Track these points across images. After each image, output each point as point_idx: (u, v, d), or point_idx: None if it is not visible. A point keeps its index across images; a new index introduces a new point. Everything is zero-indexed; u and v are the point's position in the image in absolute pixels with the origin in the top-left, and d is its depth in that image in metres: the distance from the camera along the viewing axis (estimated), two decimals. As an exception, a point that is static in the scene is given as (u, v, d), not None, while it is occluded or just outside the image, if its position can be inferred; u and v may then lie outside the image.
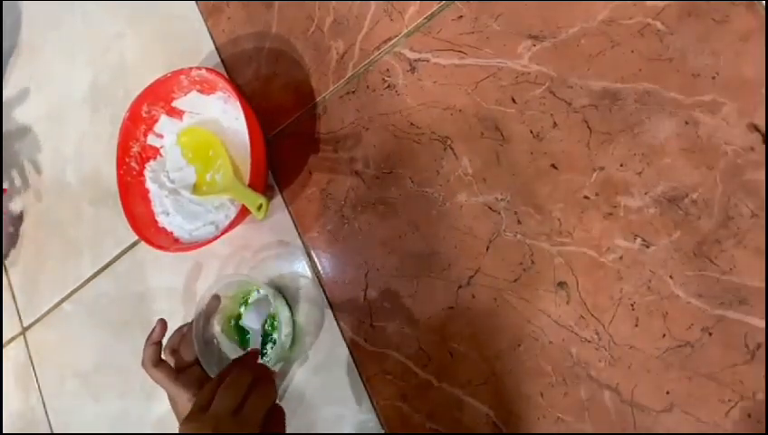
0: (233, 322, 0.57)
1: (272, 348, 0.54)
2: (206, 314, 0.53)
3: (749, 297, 0.39)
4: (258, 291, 0.56)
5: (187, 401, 0.49)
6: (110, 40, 0.72)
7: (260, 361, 0.52)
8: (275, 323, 0.55)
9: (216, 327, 0.55)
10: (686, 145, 0.42)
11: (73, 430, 0.68)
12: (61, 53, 0.77)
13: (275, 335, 0.55)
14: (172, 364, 0.51)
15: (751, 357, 0.39)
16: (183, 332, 0.54)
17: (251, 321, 0.55)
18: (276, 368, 0.54)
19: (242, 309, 0.57)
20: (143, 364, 0.51)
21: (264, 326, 0.55)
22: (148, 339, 0.52)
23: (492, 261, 0.48)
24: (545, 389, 0.45)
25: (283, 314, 0.53)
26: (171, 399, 0.51)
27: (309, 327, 0.55)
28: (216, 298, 0.54)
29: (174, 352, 0.52)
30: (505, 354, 0.46)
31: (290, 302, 0.56)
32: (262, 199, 0.51)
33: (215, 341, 0.54)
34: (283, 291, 0.56)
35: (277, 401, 0.45)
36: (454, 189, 0.50)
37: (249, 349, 0.50)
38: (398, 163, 0.52)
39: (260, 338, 0.54)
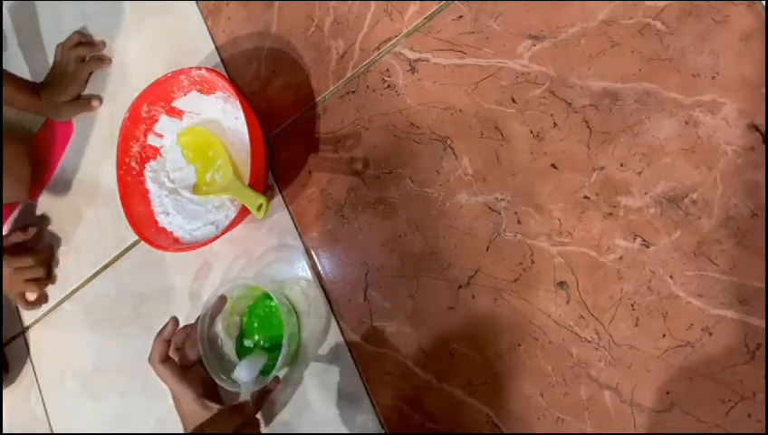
0: (238, 339, 0.56)
1: (278, 356, 0.54)
2: (212, 315, 0.53)
3: (749, 297, 0.39)
4: (267, 298, 0.56)
5: (191, 401, 0.49)
6: (111, 39, 0.72)
7: (266, 368, 0.52)
8: (281, 331, 0.54)
9: (220, 328, 0.55)
10: (686, 145, 0.42)
11: (73, 429, 0.68)
12: (61, 52, 0.77)
13: (283, 344, 0.54)
14: (176, 362, 0.51)
15: (751, 357, 0.39)
16: (188, 331, 0.54)
17: (244, 374, 0.49)
18: (281, 374, 0.54)
19: (244, 319, 0.57)
20: (150, 360, 0.51)
21: (256, 377, 0.50)
22: (158, 335, 0.52)
23: (492, 261, 0.48)
24: (545, 389, 0.45)
25: (290, 320, 0.53)
26: (175, 397, 0.51)
27: (312, 331, 0.55)
28: (222, 299, 0.54)
29: (178, 350, 0.52)
30: (505, 354, 0.46)
31: (293, 304, 0.55)
32: (262, 199, 0.51)
33: (218, 341, 0.54)
34: (286, 293, 0.56)
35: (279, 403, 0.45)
36: (454, 189, 0.50)
37: (242, 401, 0.47)
38: (398, 163, 0.52)
39: (251, 388, 0.49)
